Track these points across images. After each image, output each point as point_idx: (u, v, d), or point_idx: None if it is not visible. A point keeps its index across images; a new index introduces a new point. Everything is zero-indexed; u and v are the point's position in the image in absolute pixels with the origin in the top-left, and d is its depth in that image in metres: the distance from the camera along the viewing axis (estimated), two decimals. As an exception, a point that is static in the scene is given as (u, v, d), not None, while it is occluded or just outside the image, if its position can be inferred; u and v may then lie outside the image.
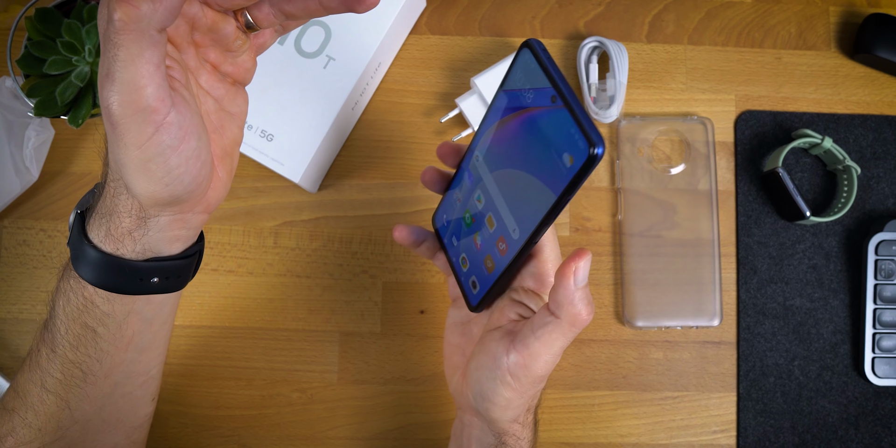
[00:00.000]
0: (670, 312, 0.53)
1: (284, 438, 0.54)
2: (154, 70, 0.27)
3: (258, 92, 0.50)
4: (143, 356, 0.38)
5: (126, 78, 0.27)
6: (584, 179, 0.28)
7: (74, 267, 0.34)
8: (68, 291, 0.35)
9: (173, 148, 0.29)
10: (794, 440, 0.53)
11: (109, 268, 0.33)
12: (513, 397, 0.36)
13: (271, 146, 0.50)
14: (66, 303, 0.35)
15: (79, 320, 0.35)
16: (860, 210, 0.55)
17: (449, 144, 0.39)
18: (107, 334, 0.36)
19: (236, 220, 0.55)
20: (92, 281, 0.34)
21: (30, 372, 0.37)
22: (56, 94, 0.46)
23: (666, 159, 0.55)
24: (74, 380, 0.36)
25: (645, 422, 0.54)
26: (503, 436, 0.38)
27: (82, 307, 0.35)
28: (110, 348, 0.36)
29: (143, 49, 0.26)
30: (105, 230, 0.33)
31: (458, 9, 0.57)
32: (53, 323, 0.36)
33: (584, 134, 0.27)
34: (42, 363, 0.36)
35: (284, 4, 0.32)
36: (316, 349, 0.54)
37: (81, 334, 0.35)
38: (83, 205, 0.35)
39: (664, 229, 0.54)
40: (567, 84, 0.29)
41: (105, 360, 0.37)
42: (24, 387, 0.37)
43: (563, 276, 0.31)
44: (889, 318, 0.53)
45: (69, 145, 0.56)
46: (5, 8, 0.56)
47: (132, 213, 0.32)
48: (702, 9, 0.57)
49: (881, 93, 0.56)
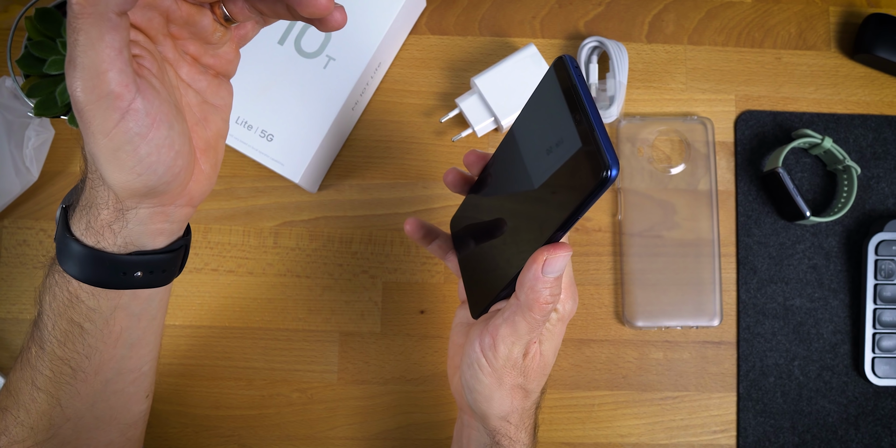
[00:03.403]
0: (670, 312, 0.53)
1: (284, 438, 0.54)
2: (115, 55, 0.27)
3: (258, 92, 0.50)
4: (134, 352, 0.38)
5: (87, 63, 0.27)
6: (595, 200, 0.28)
7: (59, 261, 0.34)
8: (54, 286, 0.35)
9: (141, 135, 0.29)
10: (794, 440, 0.53)
11: (92, 261, 0.33)
12: (491, 383, 0.36)
13: (271, 146, 0.50)
14: (52, 298, 0.35)
15: (65, 316, 0.35)
16: (860, 210, 0.55)
17: (476, 153, 0.38)
18: (94, 330, 0.35)
19: (236, 220, 0.55)
20: (76, 275, 0.33)
21: (21, 370, 0.37)
22: (56, 94, 0.46)
23: (666, 159, 0.55)
24: (64, 377, 0.36)
25: (645, 422, 0.54)
26: (496, 435, 0.38)
27: (68, 302, 0.34)
28: (98, 344, 0.36)
29: (102, 33, 0.26)
30: (86, 223, 0.33)
31: (458, 9, 0.57)
32: (41, 319, 0.35)
33: (600, 155, 0.27)
34: (32, 361, 0.36)
35: (256, 2, 0.32)
36: (316, 349, 0.54)
37: (68, 330, 0.35)
38: (67, 200, 0.35)
39: (664, 229, 0.54)
40: (593, 104, 0.28)
41: (94, 356, 0.36)
42: (16, 385, 0.37)
43: (532, 260, 0.31)
44: (889, 318, 0.53)
45: (69, 145, 0.56)
46: (5, 8, 0.56)
47: (109, 204, 0.32)
48: (702, 9, 0.57)
49: (881, 93, 0.56)
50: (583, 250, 0.55)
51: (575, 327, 0.55)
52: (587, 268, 0.55)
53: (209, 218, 0.55)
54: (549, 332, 0.36)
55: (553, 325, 0.36)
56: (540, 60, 0.52)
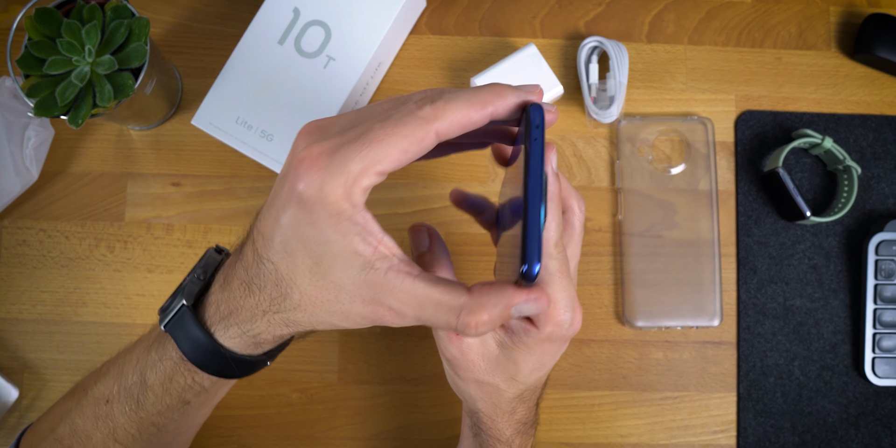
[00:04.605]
0: (670, 312, 0.53)
1: (284, 438, 0.54)
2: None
3: (258, 92, 0.50)
4: (209, 410, 0.41)
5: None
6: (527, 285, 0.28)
7: (197, 362, 0.34)
8: (167, 369, 0.35)
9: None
10: (794, 440, 0.53)
11: (237, 364, 0.34)
12: (449, 372, 0.37)
13: (271, 146, 0.50)
14: (165, 379, 0.35)
15: (176, 395, 0.36)
16: (860, 210, 0.55)
17: (457, 193, 0.38)
18: (197, 404, 0.37)
19: (236, 220, 0.55)
20: (215, 373, 0.35)
21: (96, 419, 0.38)
22: (56, 94, 0.46)
23: (666, 159, 0.55)
24: (147, 435, 0.38)
25: (645, 422, 0.54)
26: (474, 417, 0.39)
27: (186, 387, 0.36)
28: (195, 413, 0.39)
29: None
30: (238, 333, 0.33)
31: (458, 9, 0.57)
32: (143, 393, 0.36)
33: (524, 254, 0.26)
34: (116, 416, 0.37)
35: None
36: (316, 349, 0.54)
37: (172, 405, 0.36)
38: (188, 297, 0.35)
39: (664, 229, 0.54)
40: (538, 182, 0.27)
41: (184, 419, 0.38)
42: (87, 431, 0.38)
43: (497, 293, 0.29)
44: (889, 318, 0.53)
45: (69, 145, 0.56)
46: (5, 8, 0.56)
47: (274, 331, 0.33)
48: (702, 9, 0.57)
49: (881, 93, 0.56)
50: (583, 250, 0.55)
51: (575, 327, 0.55)
52: (587, 268, 0.55)
53: (209, 218, 0.55)
54: (524, 345, 0.34)
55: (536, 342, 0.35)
56: (540, 60, 0.52)
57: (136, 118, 0.53)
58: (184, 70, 0.56)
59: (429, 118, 0.26)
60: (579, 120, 0.56)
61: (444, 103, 0.27)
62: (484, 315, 0.28)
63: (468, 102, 0.27)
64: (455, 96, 0.28)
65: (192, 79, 0.56)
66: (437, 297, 0.28)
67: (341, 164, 0.26)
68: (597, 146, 0.56)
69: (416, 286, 0.28)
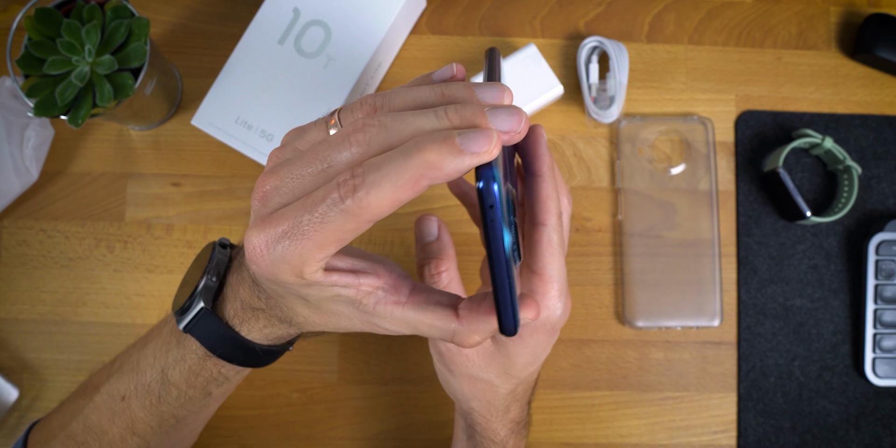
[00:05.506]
0: (670, 312, 0.53)
1: (284, 438, 0.54)
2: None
3: (258, 92, 0.50)
4: (223, 400, 0.42)
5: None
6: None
7: (225, 356, 0.36)
8: (200, 370, 0.36)
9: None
10: (794, 440, 0.53)
11: (265, 354, 0.36)
12: (440, 369, 0.39)
13: (271, 146, 0.50)
14: (191, 376, 0.37)
15: (199, 387, 0.37)
16: (860, 210, 0.55)
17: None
18: (219, 394, 0.39)
19: (236, 220, 0.55)
20: (243, 364, 0.36)
21: (112, 415, 0.38)
22: (56, 94, 0.46)
23: (666, 159, 0.55)
24: (166, 427, 0.39)
25: (645, 422, 0.54)
26: (468, 418, 0.39)
27: (211, 379, 0.37)
28: (214, 404, 0.41)
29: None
30: (247, 329, 0.35)
31: (458, 9, 0.57)
32: (166, 388, 0.37)
33: (501, 318, 0.27)
34: (135, 410, 0.38)
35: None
36: (316, 349, 0.54)
37: (194, 396, 0.37)
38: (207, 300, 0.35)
39: (664, 229, 0.54)
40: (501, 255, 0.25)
41: (204, 411, 0.40)
42: (103, 427, 0.39)
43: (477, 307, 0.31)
44: (889, 318, 0.53)
45: (69, 145, 0.56)
46: (5, 8, 0.56)
47: (280, 332, 0.35)
48: (702, 9, 0.57)
49: (881, 93, 0.56)
50: (583, 250, 0.55)
51: (575, 327, 0.55)
52: (587, 268, 0.55)
53: (209, 218, 0.55)
54: (518, 337, 0.35)
55: (529, 332, 0.35)
56: (540, 60, 0.52)
57: (136, 118, 0.53)
58: (184, 70, 0.56)
59: (354, 212, 0.25)
60: (579, 120, 0.56)
61: (365, 194, 0.24)
62: (476, 337, 0.30)
63: (394, 185, 0.24)
64: (379, 178, 0.24)
65: (192, 79, 0.56)
66: (428, 322, 0.30)
67: (281, 259, 0.26)
68: (597, 146, 0.56)
69: (406, 314, 0.30)
